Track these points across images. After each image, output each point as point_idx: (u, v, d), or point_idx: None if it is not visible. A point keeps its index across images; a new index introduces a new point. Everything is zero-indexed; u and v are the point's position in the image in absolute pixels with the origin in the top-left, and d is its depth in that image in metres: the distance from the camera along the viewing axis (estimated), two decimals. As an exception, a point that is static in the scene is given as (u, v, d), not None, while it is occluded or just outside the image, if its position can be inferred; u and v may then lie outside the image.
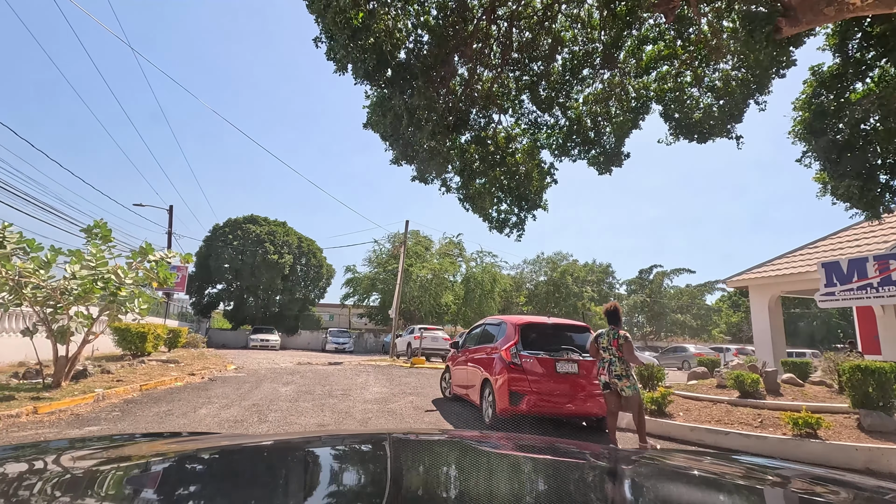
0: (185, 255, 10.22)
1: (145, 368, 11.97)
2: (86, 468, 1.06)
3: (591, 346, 5.99)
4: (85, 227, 8.99)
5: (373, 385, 11.79)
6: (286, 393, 9.77)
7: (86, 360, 12.37)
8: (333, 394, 9.95)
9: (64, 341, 8.19)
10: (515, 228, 8.81)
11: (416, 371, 16.49)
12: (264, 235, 32.31)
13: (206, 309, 33.75)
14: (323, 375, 13.66)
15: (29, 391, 7.57)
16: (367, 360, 21.52)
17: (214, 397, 8.84)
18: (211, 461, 1.18)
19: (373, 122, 6.87)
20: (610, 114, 8.21)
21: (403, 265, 23.35)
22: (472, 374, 7.72)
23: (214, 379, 11.77)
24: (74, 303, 8.16)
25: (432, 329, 21.25)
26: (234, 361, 16.71)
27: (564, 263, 41.53)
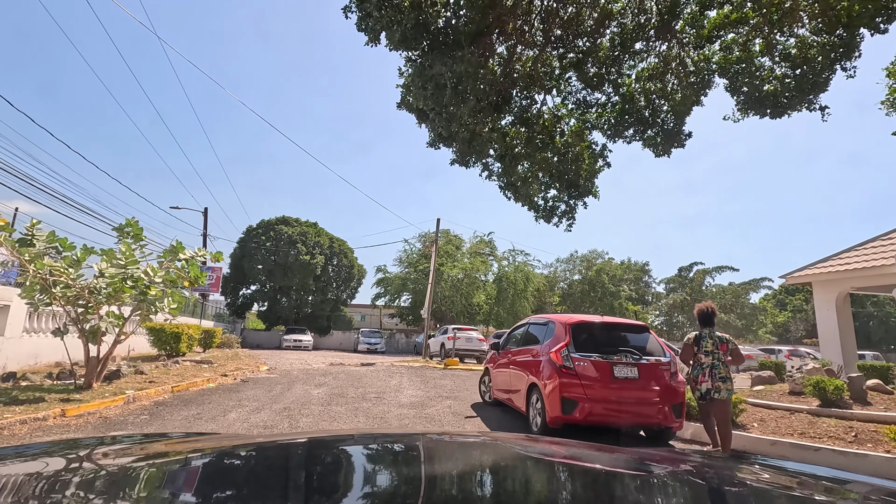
0: (215, 254, 9.97)
1: (179, 369, 11.86)
2: (124, 465, 1.07)
3: (685, 348, 5.41)
4: (117, 226, 8.84)
5: (407, 387, 11.31)
6: (318, 396, 9.39)
7: (122, 361, 12.37)
8: (367, 397, 9.51)
9: (95, 341, 8.02)
10: (565, 217, 8.10)
11: (451, 373, 15.95)
12: (296, 236, 32.47)
13: (240, 310, 34.20)
14: (355, 377, 13.29)
15: (60, 392, 7.40)
16: (400, 360, 21.14)
17: (245, 400, 8.53)
18: (245, 458, 1.19)
19: (411, 95, 6.24)
20: (666, 90, 7.43)
21: (435, 264, 22.86)
22: (517, 377, 7.10)
23: (247, 380, 11.54)
24: (105, 302, 7.98)
25: (466, 329, 20.67)
26: (266, 362, 16.58)
27: (600, 262, 40.21)
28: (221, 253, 10.26)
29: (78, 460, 1.08)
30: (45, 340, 11.00)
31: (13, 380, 8.01)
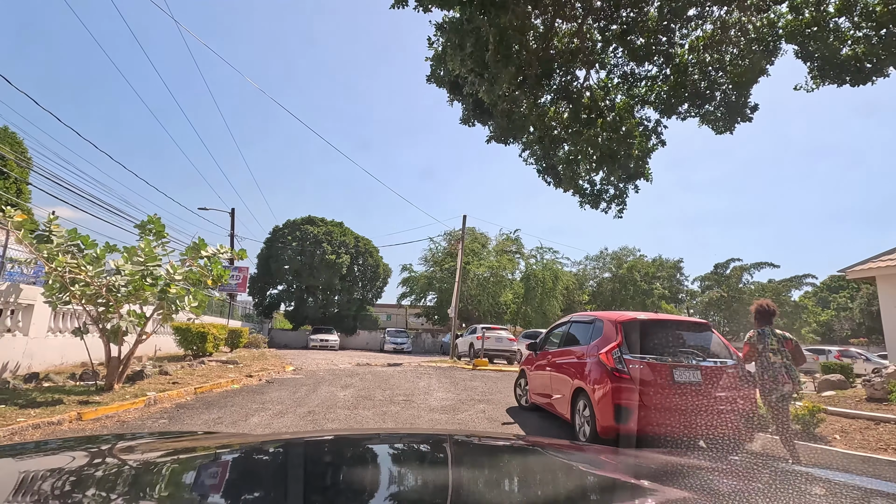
0: (238, 251, 9.65)
1: (204, 369, 11.63)
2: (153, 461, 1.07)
3: (750, 346, 4.89)
4: (139, 223, 8.60)
5: (436, 390, 10.78)
6: (344, 398, 8.95)
7: (147, 360, 12.22)
8: (395, 400, 9.02)
9: (117, 341, 7.76)
10: (614, 202, 7.40)
11: (480, 374, 15.35)
12: (322, 236, 32.41)
13: (267, 310, 34.38)
14: (382, 378, 12.85)
15: (80, 394, 7.15)
16: (427, 360, 20.66)
17: (269, 402, 8.15)
18: (272, 456, 1.20)
19: (447, 58, 5.60)
20: (724, 61, 6.65)
21: (462, 262, 22.28)
22: (559, 381, 6.48)
23: (272, 381, 11.21)
24: (126, 301, 7.71)
25: (496, 329, 20.02)
26: (292, 362, 16.33)
27: (631, 259, 38.89)
28: (245, 250, 9.98)
29: (100, 455, 1.08)
30: (71, 340, 10.90)
31: (35, 380, 7.82)
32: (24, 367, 8.56)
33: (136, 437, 1.40)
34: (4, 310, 8.06)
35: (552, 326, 7.76)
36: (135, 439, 1.36)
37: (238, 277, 24.07)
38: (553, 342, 7.33)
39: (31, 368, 8.70)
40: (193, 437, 1.52)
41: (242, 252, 9.59)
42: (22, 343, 8.51)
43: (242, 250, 9.55)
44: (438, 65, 6.06)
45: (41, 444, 1.23)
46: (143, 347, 13.10)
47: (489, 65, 4.96)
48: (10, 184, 25.35)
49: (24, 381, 7.66)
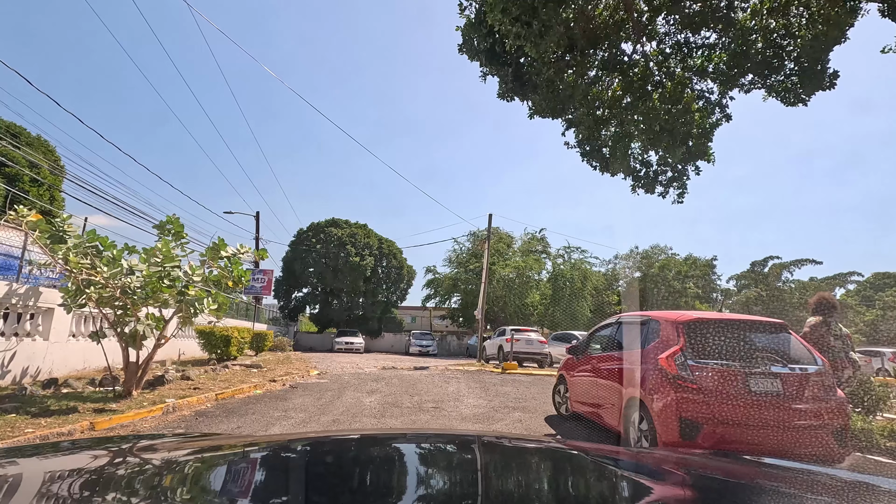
0: (259, 251, 9.28)
1: (227, 374, 11.33)
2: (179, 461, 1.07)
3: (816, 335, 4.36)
4: (157, 223, 8.30)
5: (467, 395, 10.19)
6: (371, 405, 8.46)
7: (171, 365, 12.01)
8: (424, 407, 8.48)
9: (135, 346, 7.45)
10: (673, 185, 6.67)
11: (511, 378, 14.70)
12: (346, 238, 32.25)
13: (293, 312, 34.42)
14: (409, 382, 12.34)
15: (97, 401, 6.84)
16: (454, 364, 20.08)
17: (292, 410, 7.72)
18: (300, 454, 1.19)
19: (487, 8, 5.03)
20: (790, 25, 5.87)
21: (488, 262, 21.66)
22: (607, 389, 5.82)
23: (295, 386, 10.83)
24: (143, 303, 7.39)
25: (525, 331, 19.31)
26: (317, 366, 15.99)
27: (662, 257, 37.51)
28: (266, 250, 9.66)
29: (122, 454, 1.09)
30: (93, 344, 10.75)
31: (54, 386, 7.57)
32: (45, 373, 8.35)
33: (154, 438, 1.39)
34: (24, 314, 7.85)
35: (595, 328, 7.10)
36: (154, 439, 1.34)
37: (263, 280, 24.02)
38: (598, 345, 6.67)
39: (52, 374, 8.49)
40: (216, 437, 1.51)
41: (263, 252, 9.22)
42: (42, 348, 8.30)
43: (263, 250, 9.21)
44: (472, 31, 5.47)
45: (56, 444, 1.25)
46: (167, 351, 12.93)
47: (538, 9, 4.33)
48: (44, 191, 25.88)
49: (43, 387, 7.42)
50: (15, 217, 6.20)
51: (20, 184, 24.74)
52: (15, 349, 7.63)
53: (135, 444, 1.25)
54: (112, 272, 6.58)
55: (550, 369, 18.27)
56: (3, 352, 7.33)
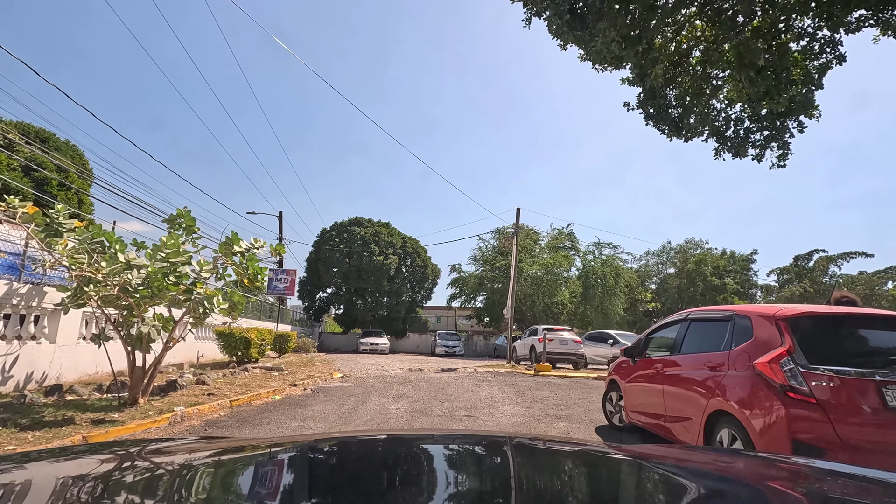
0: (276, 246, 8.59)
1: (246, 378, 10.73)
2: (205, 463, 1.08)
3: None
4: (167, 217, 7.70)
5: (501, 401, 9.31)
6: (397, 412, 7.67)
7: (189, 368, 11.48)
8: (456, 415, 7.65)
9: (142, 349, 6.82)
10: (770, 145, 5.58)
11: (546, 381, 13.73)
12: (369, 237, 31.71)
13: (317, 313, 34.08)
14: (438, 386, 11.53)
15: (99, 410, 6.23)
16: (483, 365, 19.20)
17: (310, 419, 6.99)
18: (327, 455, 1.20)
19: None
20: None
21: (516, 259, 20.69)
22: (679, 398, 4.86)
23: (317, 391, 10.14)
24: (149, 302, 6.76)
25: (559, 330, 18.25)
26: (341, 368, 15.34)
27: (698, 252, 35.69)
28: (284, 246, 8.87)
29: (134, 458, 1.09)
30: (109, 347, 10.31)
31: (57, 393, 7.02)
32: (52, 378, 7.85)
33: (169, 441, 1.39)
34: (27, 315, 7.34)
35: (656, 327, 6.11)
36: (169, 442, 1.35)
37: (286, 280, 23.63)
38: (661, 346, 5.70)
39: (60, 379, 7.98)
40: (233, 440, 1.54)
41: (281, 248, 8.52)
42: (49, 351, 7.80)
43: (281, 245, 8.46)
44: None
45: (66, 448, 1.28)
46: (185, 353, 12.43)
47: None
48: (72, 195, 26.05)
49: (45, 395, 6.87)
50: (5, 208, 5.62)
51: (48, 187, 24.92)
52: (17, 353, 7.11)
53: (144, 447, 1.22)
54: (111, 268, 5.94)
55: (586, 371, 17.19)
56: (4, 356, 6.80)
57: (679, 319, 5.48)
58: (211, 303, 6.89)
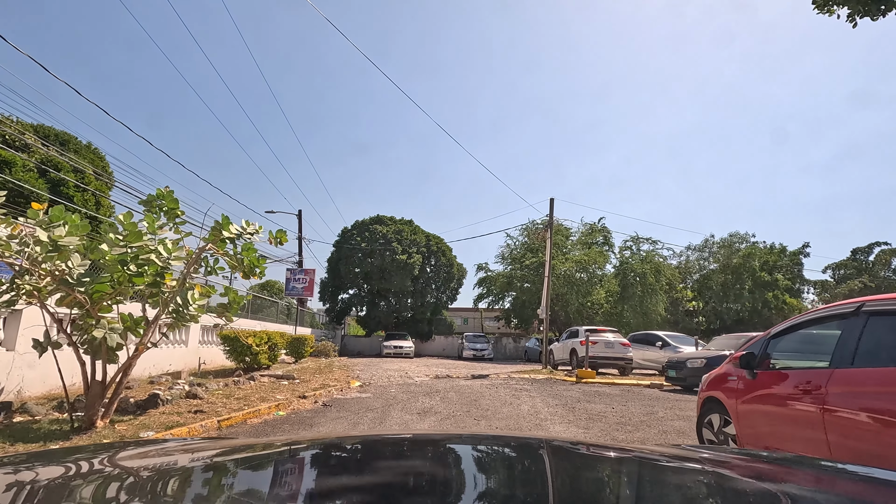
0: (276, 232, 7.14)
1: (249, 388, 9.33)
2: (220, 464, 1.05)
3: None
4: (143, 198, 6.35)
5: (550, 419, 7.62)
6: (423, 437, 6.06)
7: (189, 377, 10.15)
8: (498, 440, 5.99)
9: (103, 358, 5.42)
10: None
11: (593, 390, 11.94)
12: (391, 235, 30.31)
13: (339, 315, 32.84)
14: (470, 397, 9.91)
15: (40, 438, 4.84)
16: (516, 370, 17.46)
17: (313, 447, 5.45)
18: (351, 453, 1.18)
19: None
20: None
21: (551, 254, 18.87)
22: (863, 431, 3.10)
23: (330, 404, 8.65)
24: (112, 298, 5.35)
25: (603, 331, 16.35)
26: (361, 375, 13.85)
27: (744, 246, 32.99)
28: (284, 232, 7.39)
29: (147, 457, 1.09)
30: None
31: (5, 412, 5.67)
32: (10, 392, 6.55)
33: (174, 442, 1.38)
34: (-27, 317, 6.05)
35: (789, 325, 4.32)
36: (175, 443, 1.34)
37: (304, 281, 22.40)
38: (806, 353, 3.95)
39: (21, 393, 6.70)
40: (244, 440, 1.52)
41: (282, 235, 7.13)
42: (6, 360, 6.50)
43: (281, 232, 7.01)
44: None
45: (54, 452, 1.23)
46: (186, 360, 11.13)
47: None
48: (89, 196, 25.43)
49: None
50: None
51: (64, 188, 24.34)
52: (-42, 363, 5.82)
53: (145, 447, 1.20)
54: (46, 254, 4.52)
55: (635, 377, 15.26)
56: (-64, 368, 5.50)
57: (840, 313, 3.69)
58: (185, 298, 5.44)
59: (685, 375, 11.99)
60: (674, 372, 12.39)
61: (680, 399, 10.33)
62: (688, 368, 11.96)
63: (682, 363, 12.21)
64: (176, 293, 5.42)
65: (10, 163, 21.49)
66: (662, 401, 10.04)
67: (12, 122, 23.21)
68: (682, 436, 6.36)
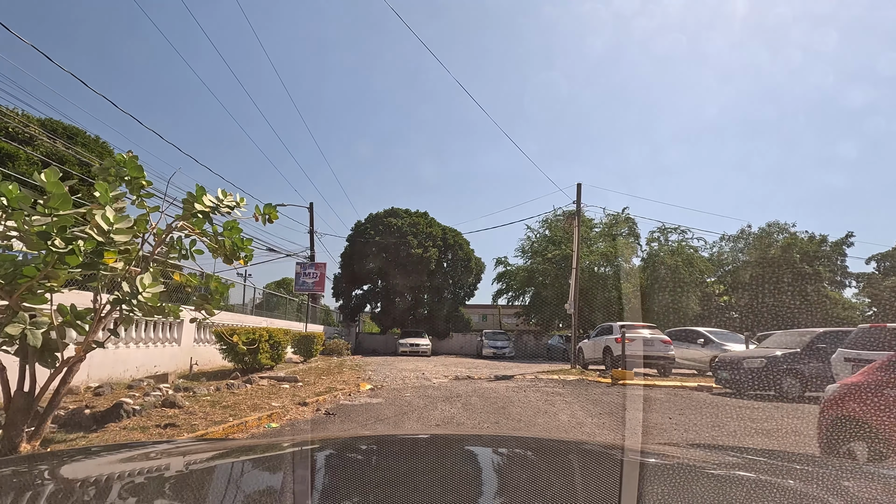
0: (264, 207, 5.86)
1: (243, 394, 8.13)
2: None
3: None
4: (99, 165, 5.18)
5: (597, 432, 6.23)
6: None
7: (178, 380, 9.01)
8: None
9: (42, 360, 4.20)
10: None
11: (635, 394, 10.49)
12: (406, 228, 29.07)
13: (353, 312, 31.76)
14: (497, 404, 8.57)
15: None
16: (542, 370, 16.01)
17: (302, 477, 4.16)
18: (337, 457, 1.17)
19: None
20: None
21: (578, 243, 17.36)
22: None
23: (333, 412, 7.39)
24: (40, 284, 4.12)
25: (640, 327, 14.79)
26: (373, 376, 12.59)
27: (783, 237, 30.86)
28: (274, 207, 6.10)
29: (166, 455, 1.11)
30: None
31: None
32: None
33: None
34: None
35: None
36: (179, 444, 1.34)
37: (315, 276, 21.27)
38: None
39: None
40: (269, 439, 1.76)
41: (270, 209, 5.85)
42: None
43: (269, 206, 5.68)
44: None
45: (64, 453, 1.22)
46: (175, 362, 9.98)
47: None
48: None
49: None
50: None
51: (71, 181, 23.64)
52: None
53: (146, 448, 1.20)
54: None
55: (678, 378, 13.70)
56: None
57: None
58: (134, 284, 4.19)
59: (741, 378, 10.45)
60: (726, 373, 10.85)
61: (744, 406, 8.82)
62: (744, 370, 10.43)
63: (736, 363, 10.67)
64: (119, 278, 4.18)
65: (13, 156, 20.78)
66: (724, 408, 8.56)
67: (17, 114, 22.54)
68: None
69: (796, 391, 9.94)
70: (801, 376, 9.98)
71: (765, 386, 10.08)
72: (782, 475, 1.06)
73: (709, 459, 1.18)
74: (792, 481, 1.01)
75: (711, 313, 29.87)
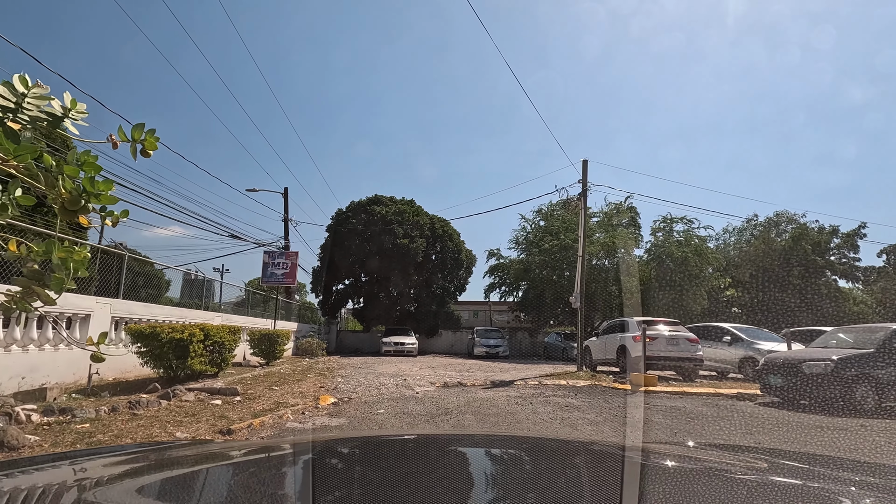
0: (132, 129, 3.49)
1: (146, 416, 5.84)
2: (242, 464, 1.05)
3: None
4: None
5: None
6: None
7: (62, 395, 6.69)
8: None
9: None
10: None
11: (667, 405, 8.36)
12: (391, 216, 26.77)
13: (334, 308, 29.40)
14: (498, 425, 6.41)
15: None
16: (544, 373, 13.85)
17: None
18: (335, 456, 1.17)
19: None
20: None
21: (584, 228, 15.24)
22: None
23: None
24: None
25: (659, 323, 12.67)
26: (343, 384, 10.30)
27: (792, 227, 29.09)
28: (152, 131, 3.69)
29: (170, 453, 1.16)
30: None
31: None
32: None
33: None
34: None
35: None
36: None
37: (285, 266, 18.89)
38: None
39: None
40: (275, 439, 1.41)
41: (150, 137, 3.11)
42: None
43: (150, 134, 3.01)
44: None
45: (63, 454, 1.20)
46: (75, 368, 7.61)
47: None
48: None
49: None
50: None
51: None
52: None
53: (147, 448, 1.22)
54: None
55: (706, 384, 11.59)
56: None
57: None
58: None
59: (799, 385, 8.40)
60: (780, 379, 8.78)
61: (819, 426, 6.72)
62: (804, 375, 8.37)
63: (793, 367, 8.60)
64: None
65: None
66: (795, 429, 6.46)
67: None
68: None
69: (871, 402, 7.91)
70: (878, 383, 7.96)
71: (831, 395, 8.02)
72: (784, 474, 1.05)
73: (711, 458, 1.17)
74: (795, 480, 1.00)
75: (718, 308, 28.06)
